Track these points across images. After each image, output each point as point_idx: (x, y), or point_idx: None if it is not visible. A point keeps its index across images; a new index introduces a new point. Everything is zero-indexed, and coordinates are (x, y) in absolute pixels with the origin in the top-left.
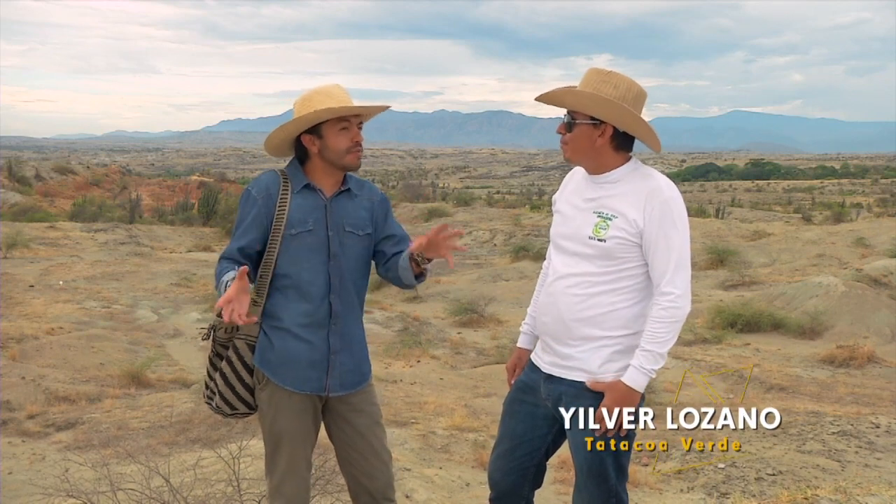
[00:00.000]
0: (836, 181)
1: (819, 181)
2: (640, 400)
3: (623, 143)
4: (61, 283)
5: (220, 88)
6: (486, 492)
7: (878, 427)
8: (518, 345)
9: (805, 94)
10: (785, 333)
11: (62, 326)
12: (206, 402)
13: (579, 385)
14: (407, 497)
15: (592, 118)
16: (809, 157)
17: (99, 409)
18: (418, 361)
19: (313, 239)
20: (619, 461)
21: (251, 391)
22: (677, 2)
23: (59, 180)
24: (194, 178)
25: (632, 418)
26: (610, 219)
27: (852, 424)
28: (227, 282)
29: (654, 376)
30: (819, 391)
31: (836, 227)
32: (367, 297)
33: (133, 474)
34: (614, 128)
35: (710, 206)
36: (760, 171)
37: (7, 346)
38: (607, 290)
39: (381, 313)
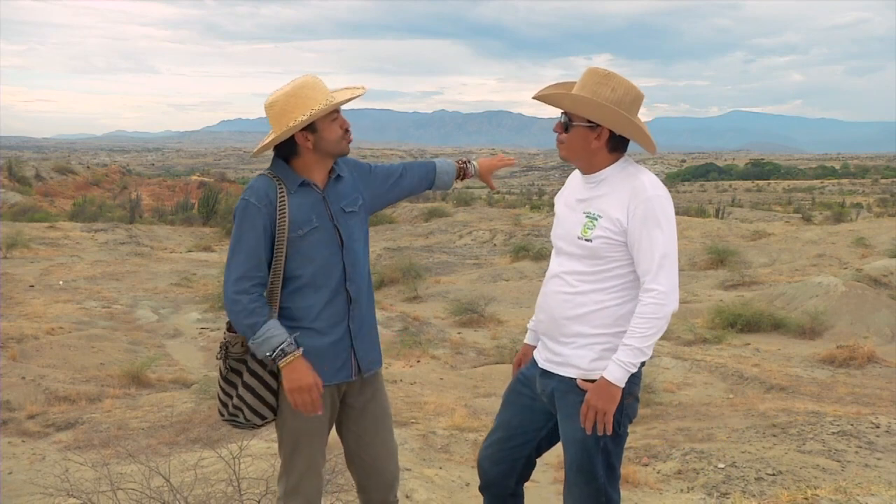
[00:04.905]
0: (836, 181)
1: (819, 181)
2: (634, 402)
3: (618, 144)
4: (61, 283)
5: (220, 88)
6: None
7: (878, 427)
8: (525, 341)
9: (805, 94)
10: (785, 333)
11: (62, 326)
12: (230, 421)
13: (570, 381)
14: (407, 497)
15: (590, 121)
16: (809, 157)
17: (99, 409)
18: (418, 361)
19: (322, 234)
20: (609, 460)
21: (276, 395)
22: (677, 2)
23: (59, 180)
24: (194, 178)
25: (617, 416)
26: (596, 219)
27: (852, 424)
28: (284, 345)
29: (633, 370)
30: (819, 391)
31: (836, 227)
32: None
33: (133, 474)
34: (611, 131)
35: (710, 206)
36: (760, 171)
37: (7, 346)
38: (596, 289)
39: (381, 313)
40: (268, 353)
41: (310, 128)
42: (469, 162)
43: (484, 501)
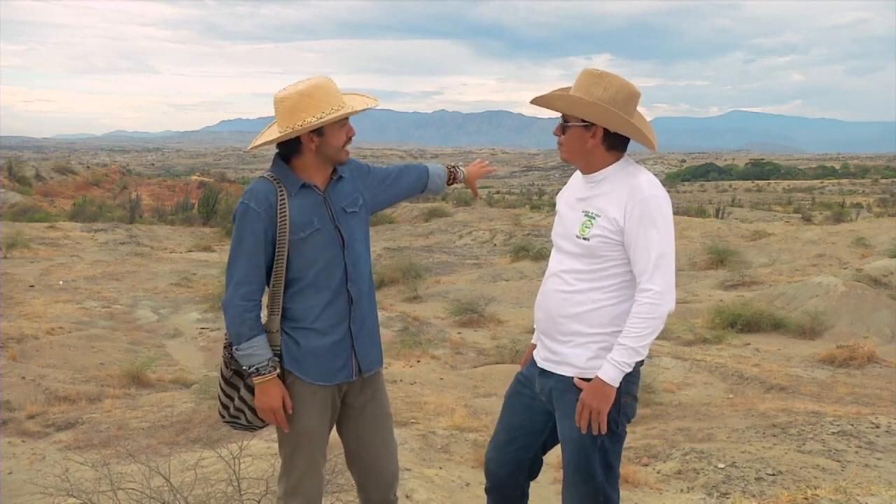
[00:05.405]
0: (836, 181)
1: (819, 181)
2: (633, 401)
3: (616, 143)
4: (61, 283)
5: (220, 88)
6: None
7: (878, 427)
8: (532, 341)
9: (805, 94)
10: (785, 333)
11: (62, 326)
12: (231, 423)
13: (567, 380)
14: (407, 497)
15: (584, 120)
16: (809, 157)
17: (99, 409)
18: (418, 361)
19: (324, 235)
20: (607, 459)
21: None
22: (677, 2)
23: (59, 180)
24: (194, 178)
25: (615, 415)
26: (594, 217)
27: (852, 424)
28: (260, 365)
29: (628, 370)
30: (819, 391)
31: (836, 227)
32: None
33: (133, 474)
34: (606, 129)
35: (710, 206)
36: (760, 171)
37: (7, 346)
38: (593, 288)
39: (382, 313)
40: (245, 367)
41: (317, 131)
42: (458, 167)
43: (489, 501)
